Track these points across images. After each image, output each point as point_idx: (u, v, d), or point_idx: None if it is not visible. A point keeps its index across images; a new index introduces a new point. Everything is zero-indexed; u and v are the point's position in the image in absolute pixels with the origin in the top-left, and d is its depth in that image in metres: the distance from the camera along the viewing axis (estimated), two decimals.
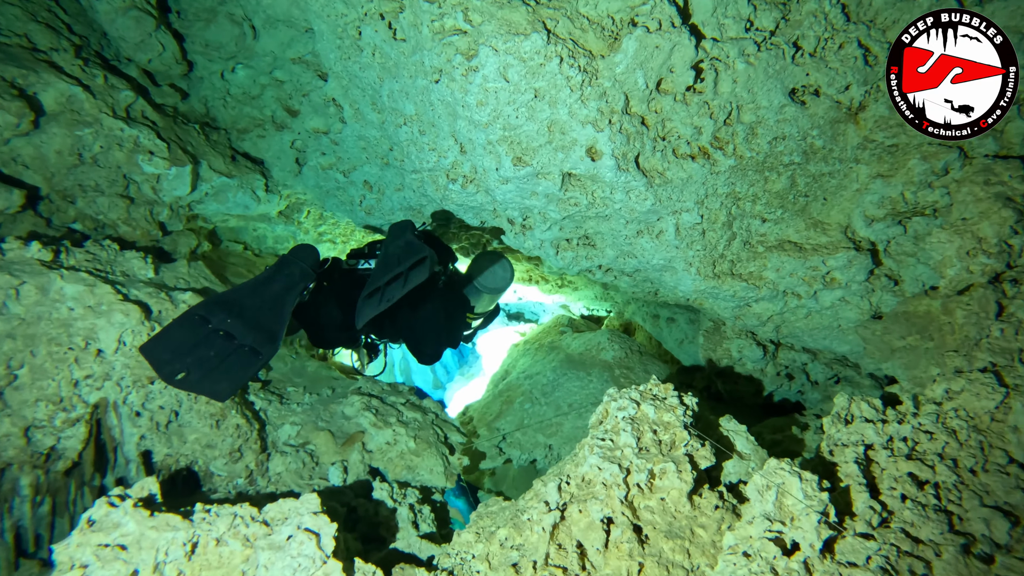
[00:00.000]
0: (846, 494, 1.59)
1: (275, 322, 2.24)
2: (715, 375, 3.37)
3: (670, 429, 1.97)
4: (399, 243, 2.40)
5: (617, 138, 2.50)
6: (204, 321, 2.14)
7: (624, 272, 3.30)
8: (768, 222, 2.75)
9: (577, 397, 3.51)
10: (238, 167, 3.84)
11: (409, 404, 3.28)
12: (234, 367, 2.13)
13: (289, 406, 3.22)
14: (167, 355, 2.08)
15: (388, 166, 3.69)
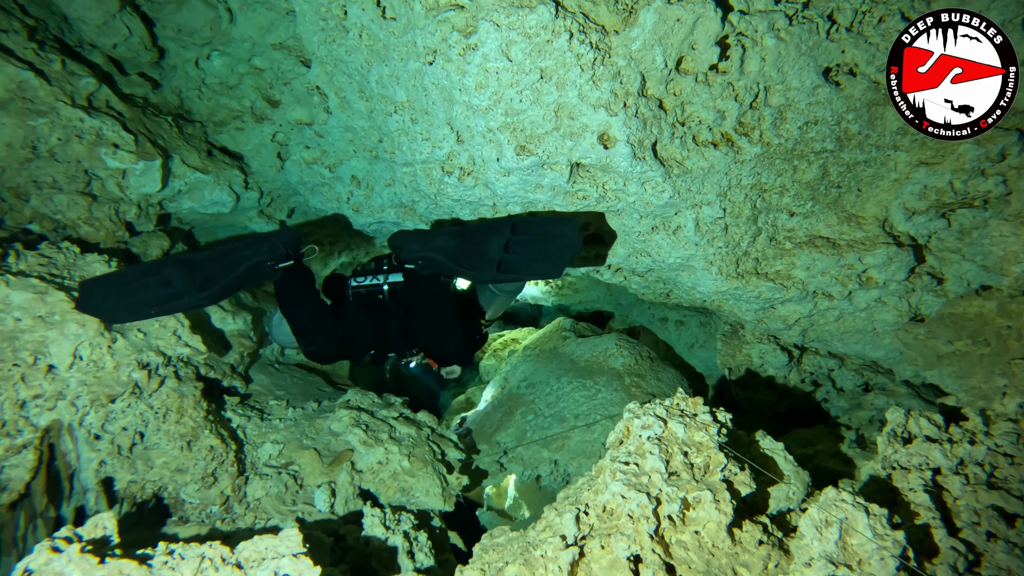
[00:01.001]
0: (921, 531, 1.37)
1: (218, 278, 2.21)
2: (734, 383, 3.16)
3: (703, 451, 1.74)
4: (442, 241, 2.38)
5: (632, 123, 2.28)
6: (156, 271, 2.19)
7: (636, 272, 3.08)
8: (797, 216, 2.54)
9: (584, 408, 3.29)
10: (214, 162, 3.58)
11: (402, 419, 3.04)
12: (147, 297, 2.14)
13: (271, 422, 2.98)
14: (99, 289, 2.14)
15: (377, 159, 3.45)
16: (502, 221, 2.29)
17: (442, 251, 2.36)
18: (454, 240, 2.37)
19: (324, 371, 3.96)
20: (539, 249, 2.30)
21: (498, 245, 2.27)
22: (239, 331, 3.23)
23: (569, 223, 2.30)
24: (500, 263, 2.25)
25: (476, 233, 2.38)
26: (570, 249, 2.27)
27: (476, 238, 2.35)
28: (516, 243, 2.28)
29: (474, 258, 2.31)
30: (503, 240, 2.27)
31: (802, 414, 3.33)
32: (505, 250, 2.27)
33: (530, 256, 2.29)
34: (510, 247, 2.28)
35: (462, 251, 2.35)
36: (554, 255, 2.28)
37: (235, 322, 3.22)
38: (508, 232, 2.28)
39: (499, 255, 2.26)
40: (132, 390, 2.33)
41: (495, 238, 2.29)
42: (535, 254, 2.29)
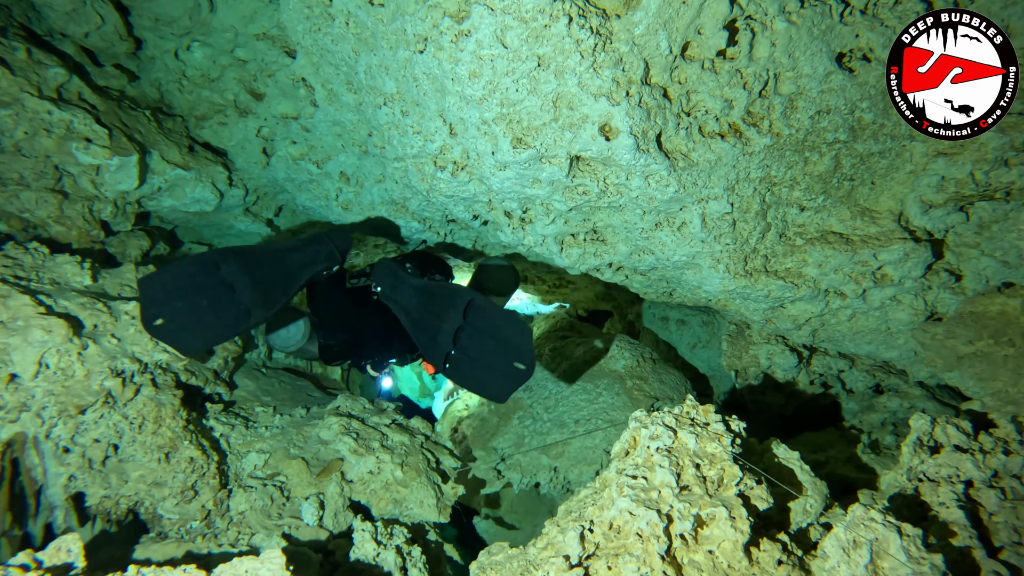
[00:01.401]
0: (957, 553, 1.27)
1: (281, 291, 2.18)
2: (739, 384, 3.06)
3: (717, 463, 1.63)
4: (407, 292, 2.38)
5: (636, 113, 2.16)
6: (215, 267, 2.08)
7: (638, 271, 2.96)
8: (808, 211, 2.43)
9: (584, 412, 3.18)
10: (196, 158, 3.45)
11: (395, 426, 2.92)
12: (219, 322, 2.07)
13: (256, 430, 2.85)
14: (160, 293, 2.01)
15: (367, 154, 3.32)
16: (459, 296, 2.21)
17: (404, 310, 2.39)
18: (416, 298, 2.36)
19: (313, 375, 3.83)
20: (485, 361, 2.19)
21: (449, 331, 2.18)
22: None
23: (524, 333, 2.17)
24: (448, 356, 2.20)
25: (434, 299, 2.31)
26: (518, 378, 2.15)
27: (433, 307, 2.29)
28: (466, 335, 2.18)
29: (427, 336, 2.27)
30: (455, 325, 2.18)
31: (810, 416, 3.23)
32: (455, 340, 2.18)
33: (475, 366, 2.20)
34: (459, 338, 2.19)
35: (417, 320, 2.34)
36: (500, 376, 2.17)
37: None
38: (461, 316, 2.17)
39: (448, 346, 2.19)
40: (105, 399, 2.20)
41: (449, 318, 2.19)
42: (481, 365, 2.19)
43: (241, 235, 4.46)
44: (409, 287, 2.41)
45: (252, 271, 2.11)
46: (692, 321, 4.24)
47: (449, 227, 3.65)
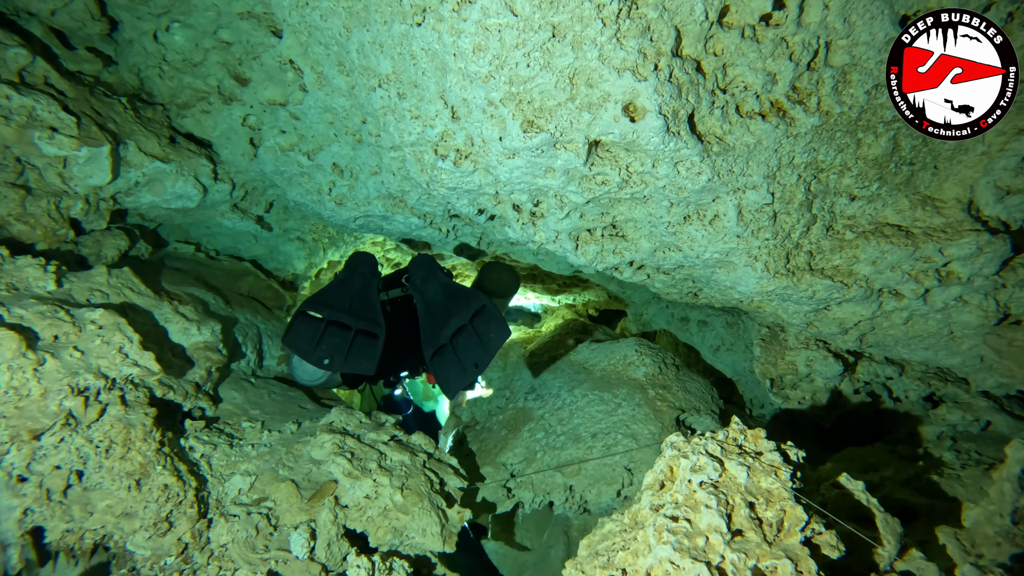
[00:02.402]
0: None
1: (371, 309, 2.52)
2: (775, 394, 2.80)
3: (775, 502, 1.38)
4: (435, 286, 2.59)
5: (665, 89, 1.91)
6: (316, 317, 2.43)
7: (661, 269, 2.71)
8: (859, 200, 2.17)
9: (602, 425, 2.93)
10: (177, 150, 3.21)
11: (394, 443, 2.68)
12: (362, 349, 2.45)
13: (242, 449, 2.62)
14: (306, 346, 2.39)
15: (361, 144, 3.08)
16: (475, 300, 2.45)
17: (426, 301, 2.61)
18: (440, 296, 2.57)
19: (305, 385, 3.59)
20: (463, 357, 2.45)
21: (453, 327, 2.45)
22: (206, 343, 2.86)
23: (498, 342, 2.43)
24: (439, 350, 2.48)
25: (454, 299, 2.53)
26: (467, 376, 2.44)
27: (451, 305, 2.52)
28: (464, 335, 2.44)
29: (432, 328, 2.54)
30: (460, 324, 2.44)
31: (852, 428, 2.97)
32: (452, 338, 2.45)
33: (454, 361, 2.46)
34: (458, 335, 2.45)
35: (433, 312, 2.56)
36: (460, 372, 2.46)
37: (201, 333, 2.86)
38: (468, 318, 2.43)
39: (445, 340, 2.46)
40: (65, 421, 1.97)
41: (459, 316, 2.45)
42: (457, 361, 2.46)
43: (230, 233, 4.24)
44: (439, 283, 2.61)
45: (340, 308, 2.44)
46: (715, 322, 3.98)
47: (452, 223, 3.41)
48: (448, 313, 2.47)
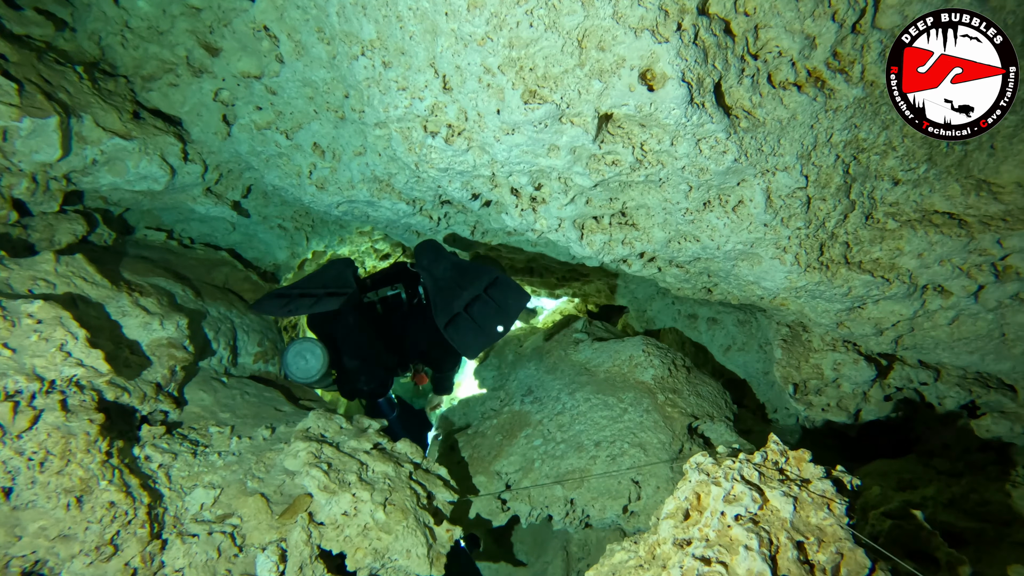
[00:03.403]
0: None
1: (340, 280, 2.73)
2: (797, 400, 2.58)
3: (829, 542, 1.15)
4: (444, 264, 2.68)
5: (689, 53, 1.67)
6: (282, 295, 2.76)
7: (675, 262, 2.48)
8: (903, 184, 1.94)
9: (607, 433, 2.70)
10: (142, 126, 2.95)
11: (377, 452, 2.45)
12: (328, 302, 2.65)
13: (207, 458, 2.38)
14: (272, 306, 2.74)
15: (344, 121, 2.83)
16: (488, 273, 2.58)
17: (435, 278, 2.67)
18: (450, 271, 2.65)
19: (283, 385, 3.35)
20: (481, 323, 2.54)
21: (467, 298, 2.54)
22: (169, 339, 2.61)
23: (520, 305, 2.56)
24: (453, 318, 2.55)
25: (466, 274, 2.63)
26: (491, 338, 2.54)
27: (462, 280, 2.61)
28: (480, 303, 2.54)
29: (444, 300, 2.60)
30: (473, 295, 2.54)
31: (876, 437, 2.76)
32: (467, 307, 2.54)
33: (471, 326, 2.54)
34: (472, 306, 2.55)
35: (444, 288, 2.64)
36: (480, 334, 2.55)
37: (164, 328, 2.61)
38: (482, 288, 2.54)
39: (458, 309, 2.54)
40: None
41: (472, 288, 2.55)
42: (476, 326, 2.54)
43: (205, 220, 3.98)
44: (448, 262, 2.69)
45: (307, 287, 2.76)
46: (725, 320, 3.76)
47: (444, 210, 3.16)
48: (460, 287, 2.55)
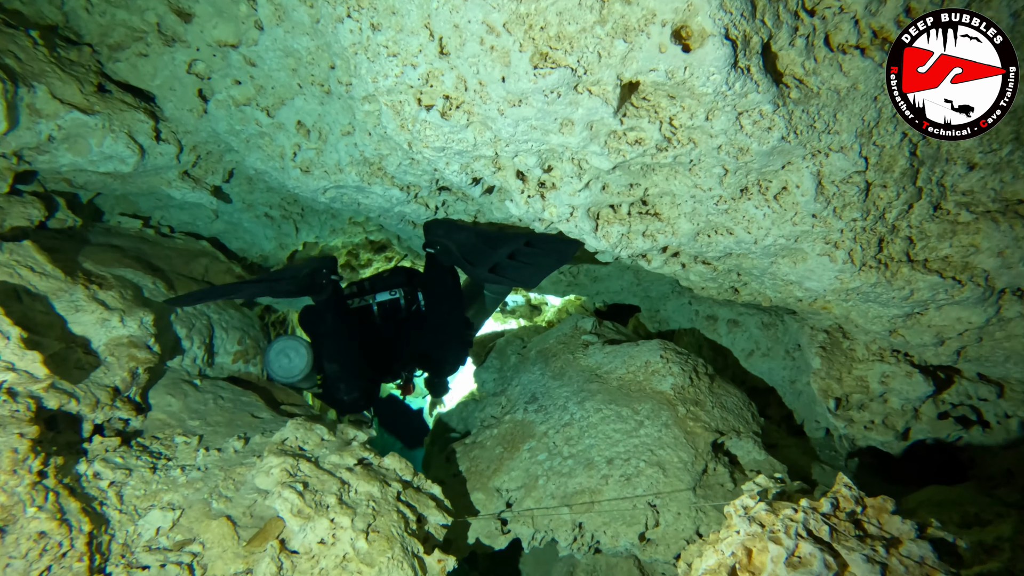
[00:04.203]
0: None
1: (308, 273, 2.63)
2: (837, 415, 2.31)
3: None
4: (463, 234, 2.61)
5: (735, 5, 1.39)
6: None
7: (702, 258, 2.22)
8: (980, 169, 1.67)
9: (620, 448, 2.44)
10: (107, 100, 2.69)
11: (361, 469, 2.19)
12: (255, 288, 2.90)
13: (168, 473, 2.12)
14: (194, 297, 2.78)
15: (330, 96, 2.56)
16: (522, 235, 2.50)
17: (458, 243, 2.57)
18: (474, 237, 2.57)
19: (264, 387, 3.10)
20: (535, 263, 2.48)
21: (505, 252, 2.45)
22: (131, 338, 2.36)
23: (572, 243, 2.39)
24: (496, 266, 2.47)
25: (494, 238, 2.56)
26: (556, 264, 2.53)
27: (492, 241, 2.53)
28: (523, 252, 2.47)
29: (478, 256, 2.52)
30: (512, 248, 2.45)
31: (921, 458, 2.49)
32: (510, 257, 2.46)
33: (519, 266, 2.48)
34: (516, 255, 2.47)
35: (473, 247, 2.55)
36: (536, 270, 2.49)
37: (125, 325, 2.35)
38: (522, 243, 2.45)
39: (500, 259, 2.46)
40: None
41: (508, 244, 2.47)
42: (530, 266, 2.48)
43: (184, 207, 3.72)
44: (470, 231, 2.62)
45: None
46: (748, 322, 3.49)
47: (441, 197, 2.89)
48: (491, 247, 2.48)
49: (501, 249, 2.43)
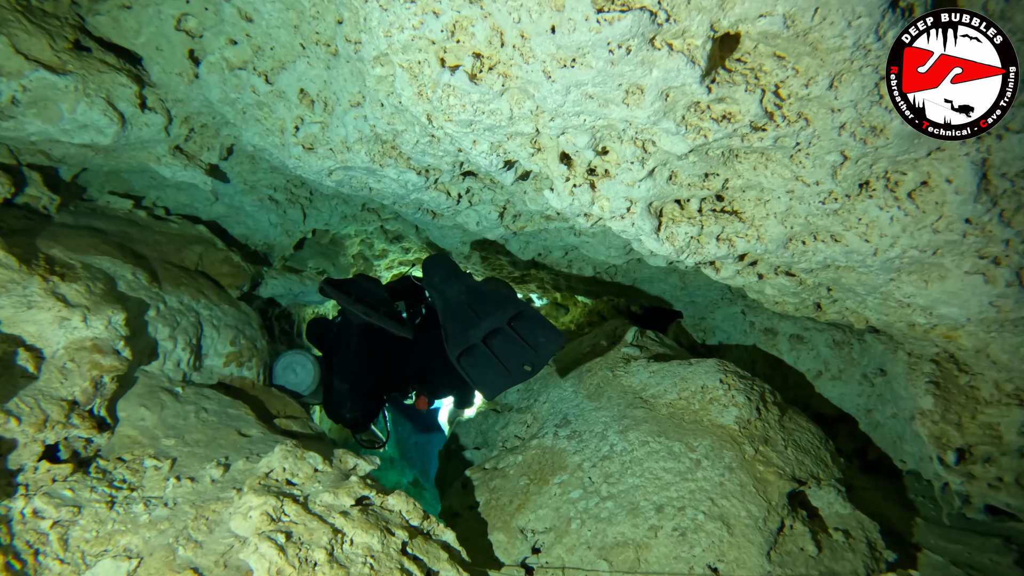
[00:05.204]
0: None
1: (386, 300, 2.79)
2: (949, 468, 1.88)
3: None
4: (457, 286, 2.45)
5: None
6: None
7: (788, 269, 1.79)
8: None
9: (673, 493, 2.04)
10: (82, 60, 2.35)
11: (359, 511, 1.82)
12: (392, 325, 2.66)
13: (128, 509, 1.79)
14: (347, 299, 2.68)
15: (337, 59, 2.18)
16: (511, 304, 2.34)
17: (447, 301, 2.44)
18: (465, 293, 2.44)
19: (257, 395, 2.75)
20: (503, 359, 2.31)
21: (486, 328, 2.31)
22: (95, 341, 2.02)
23: (554, 346, 2.32)
24: (467, 350, 2.31)
25: (484, 301, 2.39)
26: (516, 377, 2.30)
27: (481, 304, 2.39)
28: (501, 337, 2.32)
29: (458, 327, 2.36)
30: (494, 326, 2.30)
31: None
32: (485, 339, 2.31)
33: (490, 362, 2.31)
34: (491, 339, 2.32)
35: (460, 307, 2.41)
36: (501, 372, 2.30)
37: (89, 325, 2.02)
38: (504, 320, 2.30)
39: (475, 340, 2.31)
40: None
41: (492, 319, 2.31)
42: (495, 363, 2.31)
43: (180, 188, 3.38)
44: (463, 283, 2.47)
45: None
46: (815, 339, 3.05)
47: (465, 184, 2.50)
48: (476, 315, 2.33)
49: (484, 322, 2.28)
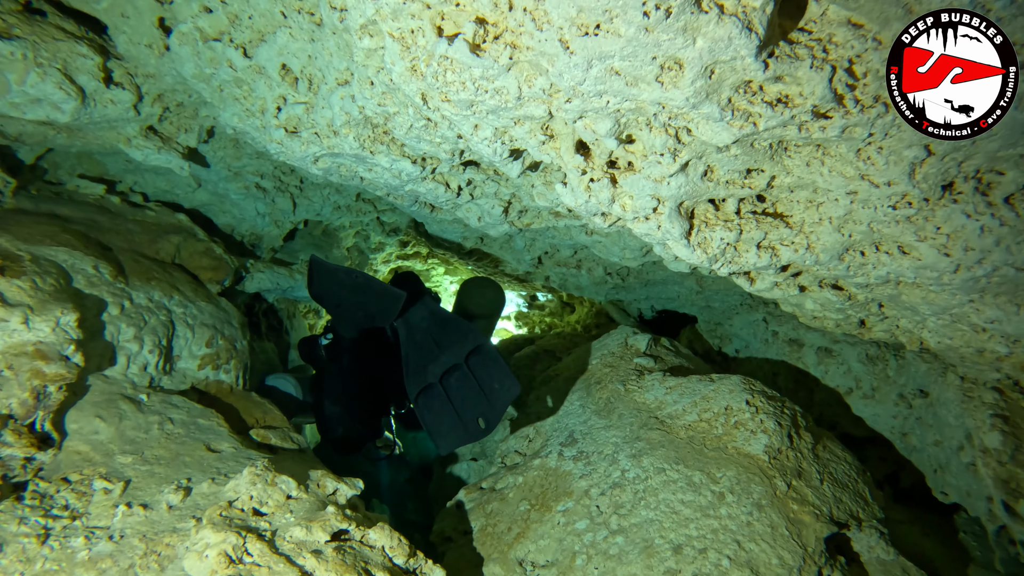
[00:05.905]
0: None
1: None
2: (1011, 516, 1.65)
3: None
4: (421, 312, 2.44)
5: None
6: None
7: (837, 282, 1.55)
8: None
9: (692, 531, 1.82)
10: (34, 25, 2.11)
11: (333, 551, 1.60)
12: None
13: (65, 545, 1.57)
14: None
15: (322, 29, 1.93)
16: (471, 337, 2.23)
17: (409, 327, 2.40)
18: (428, 323, 2.38)
19: (233, 402, 2.53)
20: (458, 405, 2.20)
21: (444, 363, 2.25)
22: (38, 346, 1.79)
23: (508, 395, 2.15)
24: (427, 387, 2.24)
25: (447, 331, 2.32)
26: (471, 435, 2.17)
27: (441, 337, 2.31)
28: (457, 376, 2.22)
29: (418, 361, 2.31)
30: (452, 362, 2.23)
31: None
32: (443, 376, 2.24)
33: (445, 407, 2.22)
34: (448, 377, 2.24)
35: (418, 342, 2.36)
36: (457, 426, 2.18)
37: (31, 327, 1.79)
38: (462, 356, 2.22)
39: (433, 378, 2.24)
40: None
41: (451, 353, 2.24)
42: (450, 409, 2.21)
43: (159, 172, 3.14)
44: (426, 308, 2.45)
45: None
46: (846, 353, 2.81)
47: (466, 175, 2.25)
48: (437, 346, 2.26)
49: (444, 355, 2.23)
